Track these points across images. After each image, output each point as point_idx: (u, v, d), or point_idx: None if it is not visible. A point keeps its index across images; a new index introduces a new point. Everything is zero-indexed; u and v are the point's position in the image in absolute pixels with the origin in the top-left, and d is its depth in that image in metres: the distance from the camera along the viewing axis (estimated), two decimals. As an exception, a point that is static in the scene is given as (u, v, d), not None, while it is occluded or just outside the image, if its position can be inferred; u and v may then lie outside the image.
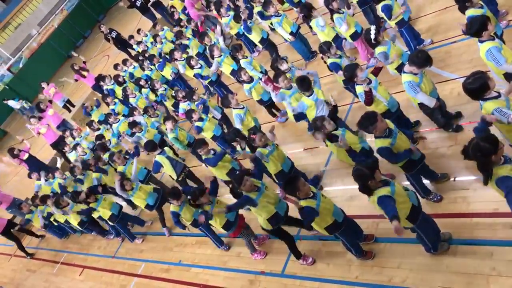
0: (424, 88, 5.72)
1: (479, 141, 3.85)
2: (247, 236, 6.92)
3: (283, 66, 7.70)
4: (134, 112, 10.56)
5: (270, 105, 9.03)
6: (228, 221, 6.56)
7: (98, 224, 10.17)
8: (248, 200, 5.72)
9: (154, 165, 8.49)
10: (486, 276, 4.70)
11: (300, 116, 7.48)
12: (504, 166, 3.90)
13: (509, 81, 5.34)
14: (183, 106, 9.58)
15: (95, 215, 9.06)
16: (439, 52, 7.63)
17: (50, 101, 15.03)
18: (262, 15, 10.55)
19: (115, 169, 9.68)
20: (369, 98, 6.03)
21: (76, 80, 15.73)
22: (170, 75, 11.75)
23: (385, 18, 7.56)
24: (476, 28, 5.13)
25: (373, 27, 6.61)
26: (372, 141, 5.37)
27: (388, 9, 7.37)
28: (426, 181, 5.76)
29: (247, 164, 8.14)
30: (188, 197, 6.61)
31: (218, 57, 9.93)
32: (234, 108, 7.94)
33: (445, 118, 6.21)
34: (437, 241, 5.12)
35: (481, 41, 5.21)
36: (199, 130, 8.59)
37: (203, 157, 7.41)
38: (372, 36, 6.59)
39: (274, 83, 7.61)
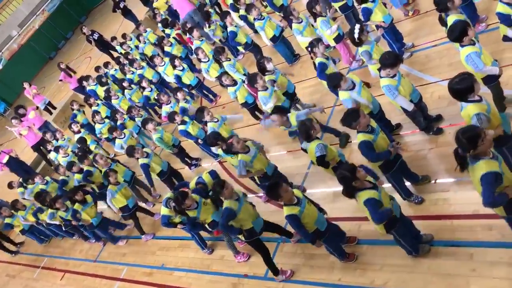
0: (402, 91, 5.77)
1: (459, 134, 3.89)
2: (228, 236, 6.86)
3: (269, 66, 7.71)
4: (117, 115, 10.47)
5: (253, 108, 9.02)
6: (214, 221, 6.52)
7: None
8: (230, 213, 5.65)
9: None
10: (466, 277, 4.76)
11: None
12: (492, 161, 3.88)
13: (487, 85, 5.44)
14: (166, 109, 9.54)
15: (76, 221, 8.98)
16: (419, 56, 7.71)
17: (37, 107, 14.89)
18: (245, 19, 10.54)
19: (100, 171, 9.55)
20: None
21: (61, 80, 15.62)
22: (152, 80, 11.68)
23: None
24: (457, 34, 5.21)
25: (357, 26, 6.60)
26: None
27: (366, 12, 7.44)
28: (407, 183, 5.81)
29: (231, 168, 8.15)
30: (172, 203, 6.53)
31: (205, 62, 9.89)
32: (209, 122, 7.90)
33: (426, 121, 6.28)
34: (417, 243, 5.16)
35: (462, 46, 5.28)
36: (184, 133, 8.56)
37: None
38: (356, 35, 6.61)
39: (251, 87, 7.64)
